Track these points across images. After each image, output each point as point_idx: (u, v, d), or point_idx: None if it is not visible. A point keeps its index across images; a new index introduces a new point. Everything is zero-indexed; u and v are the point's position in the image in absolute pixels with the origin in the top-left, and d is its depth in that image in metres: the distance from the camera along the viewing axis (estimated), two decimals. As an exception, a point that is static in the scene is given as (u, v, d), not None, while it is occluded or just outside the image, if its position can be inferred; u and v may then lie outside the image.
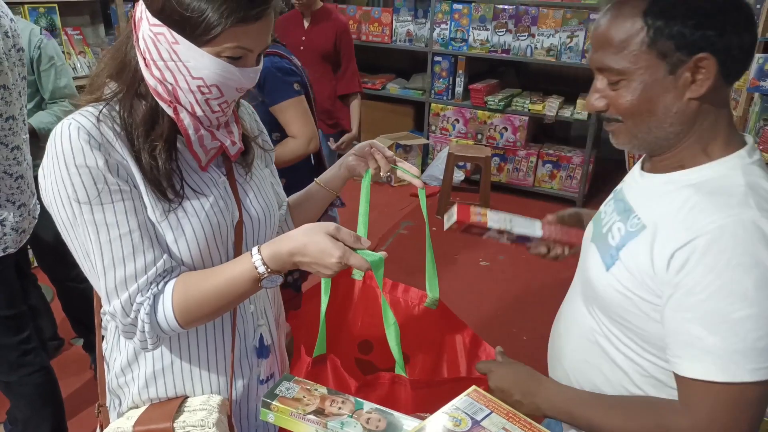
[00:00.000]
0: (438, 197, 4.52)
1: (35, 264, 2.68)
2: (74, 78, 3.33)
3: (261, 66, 0.99)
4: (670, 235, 0.91)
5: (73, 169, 0.89)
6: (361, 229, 1.21)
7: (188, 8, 0.87)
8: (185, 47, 0.90)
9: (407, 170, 1.22)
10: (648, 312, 0.95)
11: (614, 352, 1.03)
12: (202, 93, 0.94)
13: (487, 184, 4.37)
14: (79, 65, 3.46)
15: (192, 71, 0.91)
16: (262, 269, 0.94)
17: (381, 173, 1.23)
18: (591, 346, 1.07)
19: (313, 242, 0.92)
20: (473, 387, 0.97)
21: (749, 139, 0.99)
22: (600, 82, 1.01)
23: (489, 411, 0.92)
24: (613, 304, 1.00)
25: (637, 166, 1.10)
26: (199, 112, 0.96)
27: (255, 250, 0.95)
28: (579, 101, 4.61)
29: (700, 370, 0.87)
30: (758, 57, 2.67)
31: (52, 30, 3.27)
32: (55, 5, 3.27)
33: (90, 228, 0.91)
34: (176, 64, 0.91)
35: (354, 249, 0.94)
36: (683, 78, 0.92)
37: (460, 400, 0.94)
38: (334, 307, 1.34)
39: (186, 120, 0.96)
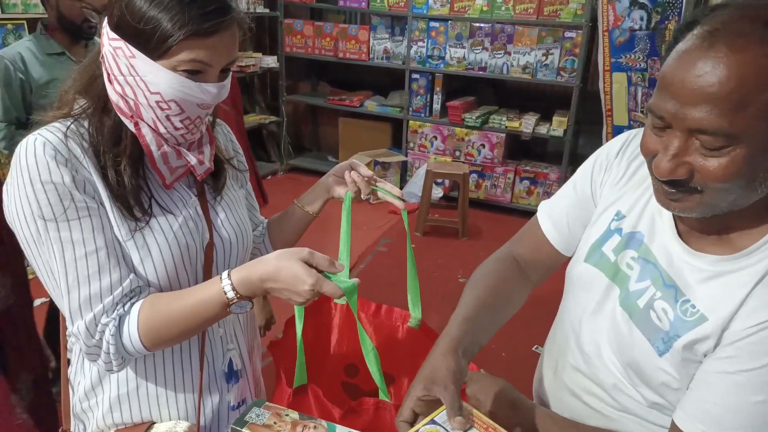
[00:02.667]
0: (417, 214, 4.51)
1: None
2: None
3: (227, 82, 0.96)
4: (738, 329, 0.82)
5: (38, 186, 0.86)
6: (343, 255, 1.18)
7: (141, 20, 0.85)
8: (142, 61, 0.87)
9: (388, 191, 1.19)
10: None
11: (632, 404, 0.98)
12: (161, 109, 0.91)
13: (465, 201, 4.37)
14: (49, 82, 3.40)
15: (150, 86, 0.89)
16: (231, 294, 0.91)
17: (361, 195, 1.20)
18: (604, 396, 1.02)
19: (285, 268, 0.89)
20: None
21: None
22: (681, 142, 0.78)
23: (469, 426, 0.90)
24: (658, 382, 0.92)
25: (670, 226, 0.94)
26: (161, 129, 0.93)
27: (225, 274, 0.92)
28: (555, 118, 4.65)
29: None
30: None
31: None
32: (24, 22, 3.23)
33: (55, 246, 0.88)
34: (134, 79, 0.89)
35: (329, 274, 0.92)
36: None
37: (438, 415, 0.92)
38: (317, 332, 1.32)
39: (148, 136, 0.93)
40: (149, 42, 0.86)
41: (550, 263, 1.17)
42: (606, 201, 1.05)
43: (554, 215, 1.14)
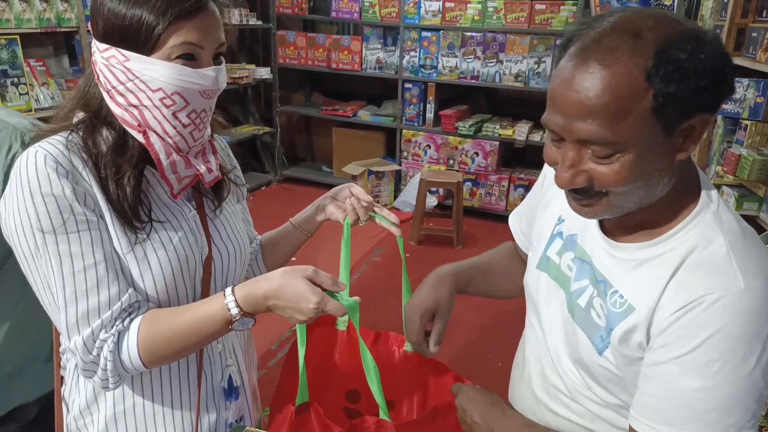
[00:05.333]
0: (411, 223, 4.51)
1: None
2: (37, 109, 3.28)
3: (223, 69, 0.96)
4: (664, 316, 0.83)
5: (39, 198, 0.86)
6: (343, 278, 1.16)
7: (125, 18, 0.86)
8: (136, 61, 0.88)
9: (385, 217, 1.19)
10: None
11: (596, 408, 0.98)
12: (166, 105, 0.90)
13: (459, 209, 4.37)
14: (42, 97, 3.38)
15: (150, 84, 0.89)
16: (234, 311, 0.90)
17: (360, 221, 1.19)
18: (564, 398, 1.03)
19: (290, 285, 0.89)
20: None
21: (701, 174, 0.92)
22: (575, 152, 0.82)
23: None
24: (605, 380, 0.94)
25: (593, 224, 0.97)
26: (170, 131, 0.92)
27: (228, 290, 0.92)
28: (548, 125, 4.66)
29: (647, 428, 0.85)
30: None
31: (13, 62, 3.20)
32: (17, 37, 3.21)
33: (53, 259, 0.88)
34: (134, 83, 0.89)
35: (331, 292, 0.92)
36: (677, 140, 0.80)
37: None
38: (319, 357, 1.31)
39: (157, 144, 0.93)
40: (138, 37, 0.87)
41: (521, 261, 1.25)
42: (550, 205, 1.09)
43: (516, 216, 1.26)
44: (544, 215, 1.11)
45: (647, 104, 0.76)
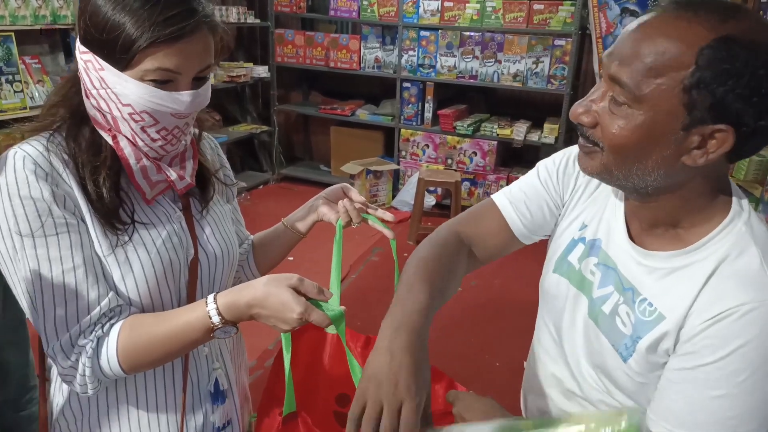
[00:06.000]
0: (409, 222, 4.49)
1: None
2: (32, 107, 3.27)
3: (204, 90, 0.92)
4: (695, 324, 0.83)
5: (17, 201, 0.85)
6: (334, 287, 1.15)
7: (104, 29, 0.84)
8: (110, 73, 0.86)
9: (379, 219, 1.17)
10: None
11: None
12: (135, 121, 0.89)
13: (457, 209, 4.36)
14: (37, 94, 3.37)
15: (120, 98, 0.87)
16: (216, 319, 0.89)
17: (352, 223, 1.17)
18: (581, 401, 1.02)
19: (273, 294, 0.87)
20: None
21: (732, 183, 0.90)
22: (602, 92, 0.84)
23: None
24: (628, 386, 0.94)
25: (622, 230, 0.96)
26: (139, 143, 0.91)
27: (211, 298, 0.90)
28: (546, 125, 4.65)
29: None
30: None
31: (8, 59, 3.18)
32: (12, 34, 3.19)
33: (31, 263, 0.86)
34: (106, 92, 0.87)
35: (317, 301, 0.90)
36: (690, 140, 0.79)
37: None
38: (308, 361, 1.29)
39: (126, 149, 0.91)
40: (114, 51, 0.84)
41: (503, 248, 1.15)
42: (572, 214, 1.07)
43: (516, 202, 1.12)
44: (563, 224, 1.08)
45: (682, 77, 0.75)
